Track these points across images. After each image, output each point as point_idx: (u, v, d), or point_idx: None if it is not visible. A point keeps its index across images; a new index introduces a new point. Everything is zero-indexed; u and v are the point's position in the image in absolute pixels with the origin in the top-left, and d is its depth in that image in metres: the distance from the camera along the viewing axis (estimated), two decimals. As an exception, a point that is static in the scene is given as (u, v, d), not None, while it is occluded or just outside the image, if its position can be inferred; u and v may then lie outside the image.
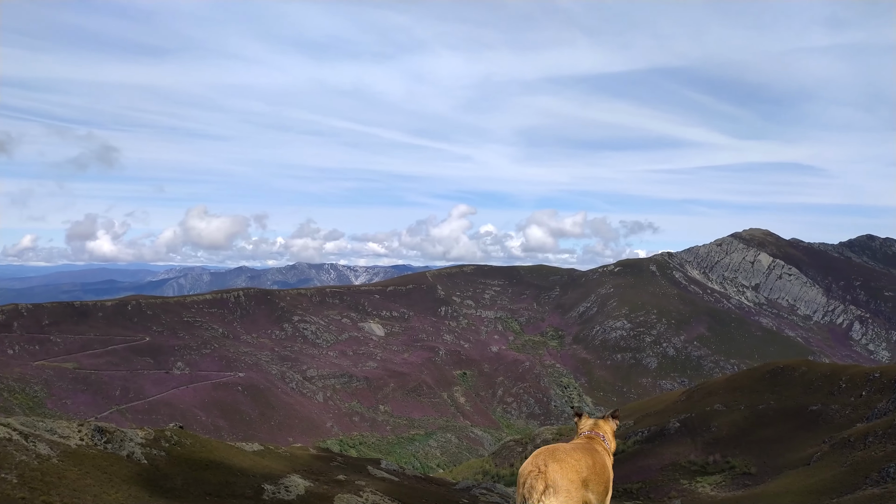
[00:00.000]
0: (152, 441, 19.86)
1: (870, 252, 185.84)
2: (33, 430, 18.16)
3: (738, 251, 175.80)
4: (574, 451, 5.61)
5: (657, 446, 55.12)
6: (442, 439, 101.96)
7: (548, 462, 5.31)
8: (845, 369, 57.67)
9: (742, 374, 69.43)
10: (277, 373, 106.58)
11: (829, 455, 42.05)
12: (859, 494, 34.09)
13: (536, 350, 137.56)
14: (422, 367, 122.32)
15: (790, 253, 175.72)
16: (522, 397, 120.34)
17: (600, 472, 5.69)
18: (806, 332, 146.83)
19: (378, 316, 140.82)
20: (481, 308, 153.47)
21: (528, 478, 5.24)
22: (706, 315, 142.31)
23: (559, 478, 5.25)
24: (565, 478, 5.28)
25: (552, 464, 5.31)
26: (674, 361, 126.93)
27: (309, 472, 21.41)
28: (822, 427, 47.88)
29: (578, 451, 5.67)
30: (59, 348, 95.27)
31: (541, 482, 5.18)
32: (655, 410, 66.60)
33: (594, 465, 5.66)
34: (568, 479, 5.29)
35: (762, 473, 45.36)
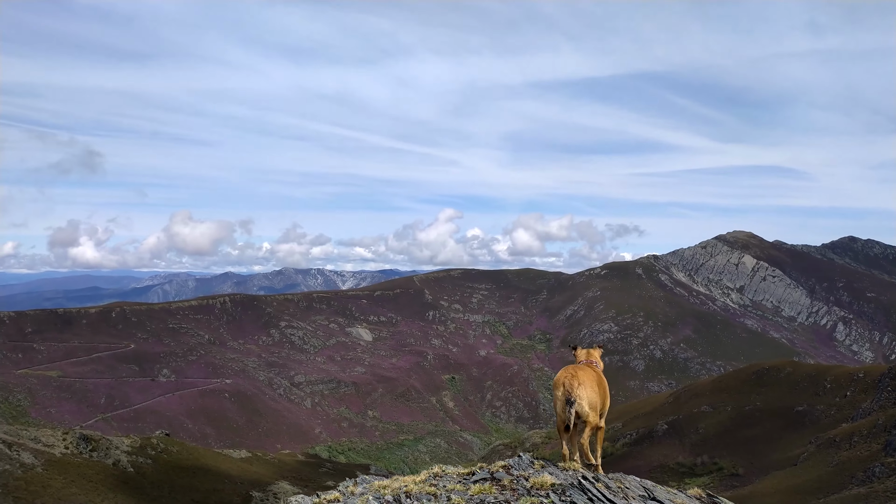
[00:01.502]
0: (138, 449, 19.64)
1: (852, 253, 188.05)
2: (17, 439, 17.89)
3: (723, 253, 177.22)
4: (585, 367, 8.61)
5: (645, 448, 55.34)
6: (431, 444, 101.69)
7: (576, 371, 8.24)
8: (830, 370, 58.27)
9: (728, 375, 69.93)
10: (265, 379, 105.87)
11: (816, 455, 42.43)
12: (845, 494, 34.41)
13: (524, 354, 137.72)
14: (410, 372, 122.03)
15: (774, 255, 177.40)
16: (511, 401, 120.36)
17: (601, 381, 8.51)
18: (790, 334, 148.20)
19: (366, 321, 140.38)
20: (469, 312, 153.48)
21: (566, 378, 8.09)
22: (692, 317, 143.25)
23: (584, 377, 8.16)
24: (587, 377, 8.21)
25: (578, 371, 8.24)
26: (661, 363, 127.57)
27: (297, 479, 21.27)
28: (807, 427, 48.32)
29: (587, 367, 8.66)
30: (43, 356, 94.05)
31: (575, 381, 8.02)
32: (643, 412, 66.87)
33: (597, 377, 8.52)
34: (589, 378, 8.22)
35: (749, 474, 45.67)
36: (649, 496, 7.64)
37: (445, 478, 7.44)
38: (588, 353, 9.35)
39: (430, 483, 7.18)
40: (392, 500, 6.68)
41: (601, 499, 6.92)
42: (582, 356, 9.29)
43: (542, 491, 6.86)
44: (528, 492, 6.84)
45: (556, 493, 6.74)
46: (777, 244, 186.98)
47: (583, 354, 9.34)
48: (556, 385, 8.13)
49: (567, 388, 7.89)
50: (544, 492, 6.84)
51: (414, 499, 6.67)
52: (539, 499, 6.64)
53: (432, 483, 7.19)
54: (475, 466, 7.81)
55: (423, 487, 6.97)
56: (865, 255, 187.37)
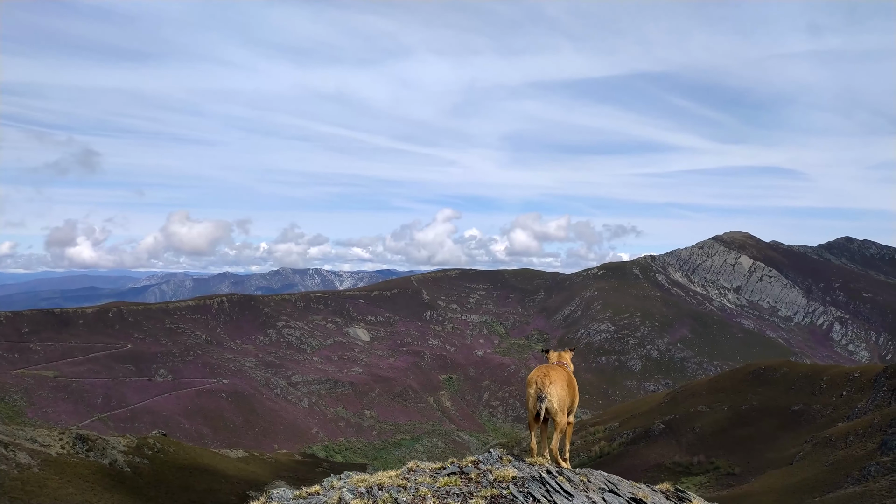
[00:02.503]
0: (135, 449, 19.64)
1: (848, 254, 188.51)
2: (13, 439, 17.88)
3: (720, 254, 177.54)
4: (557, 367, 9.07)
5: (642, 448, 55.43)
6: (428, 444, 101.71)
7: (548, 370, 8.73)
8: (826, 370, 58.43)
9: (725, 375, 70.07)
10: (262, 379, 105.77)
11: (812, 454, 42.56)
12: (841, 493, 34.53)
13: (522, 353, 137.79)
14: (407, 372, 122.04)
15: (770, 255, 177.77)
16: (508, 401, 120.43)
17: (571, 381, 9.06)
18: (787, 334, 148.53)
19: (363, 321, 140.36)
20: (466, 312, 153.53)
21: (538, 377, 8.60)
22: (689, 317, 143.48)
23: (555, 377, 8.66)
24: (558, 377, 8.71)
25: (550, 371, 8.73)
26: (658, 363, 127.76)
27: (294, 478, 21.28)
28: (803, 426, 48.46)
29: (559, 368, 9.10)
30: (40, 356, 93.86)
31: (546, 379, 8.55)
32: (640, 412, 66.97)
33: (568, 377, 9.04)
34: (559, 378, 8.72)
35: (746, 473, 45.78)
36: (608, 489, 8.13)
37: (419, 472, 7.86)
38: (559, 355, 9.88)
39: (402, 477, 7.65)
40: (365, 491, 7.14)
41: (558, 490, 7.42)
42: (554, 358, 9.78)
43: (504, 483, 7.38)
44: (491, 484, 7.34)
45: (516, 485, 7.34)
46: (774, 245, 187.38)
47: (554, 357, 9.84)
48: (529, 383, 8.71)
49: (539, 386, 8.51)
50: (505, 484, 7.34)
51: (385, 490, 7.10)
52: (499, 490, 7.14)
53: (405, 477, 7.66)
54: (448, 462, 8.31)
55: (396, 481, 7.42)
56: (862, 255, 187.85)
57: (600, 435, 63.26)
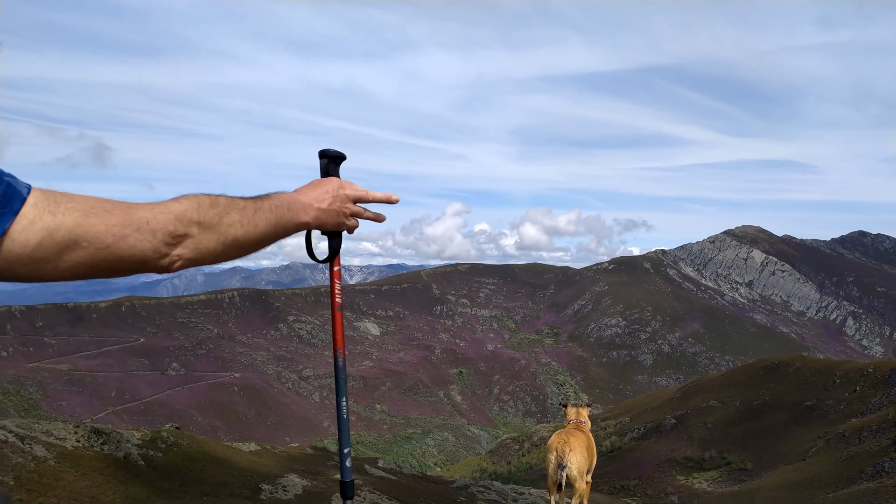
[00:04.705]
0: (149, 442, 19.78)
1: (862, 248, 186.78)
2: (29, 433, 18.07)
3: (731, 248, 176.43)
4: (577, 432, 9.24)
5: (653, 443, 55.31)
6: (439, 438, 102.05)
7: (568, 437, 8.88)
8: (839, 365, 57.99)
9: (737, 370, 69.70)
10: (273, 373, 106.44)
11: (825, 450, 42.29)
12: (854, 489, 34.31)
13: (532, 348, 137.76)
14: (418, 366, 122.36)
15: (783, 249, 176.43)
16: (519, 395, 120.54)
17: (590, 445, 9.25)
18: (800, 329, 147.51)
19: (373, 315, 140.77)
20: (476, 307, 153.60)
21: (558, 444, 8.74)
22: (700, 312, 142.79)
23: (576, 444, 8.79)
24: (579, 444, 8.85)
25: (570, 437, 8.89)
26: (669, 358, 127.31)
27: (306, 472, 21.37)
28: (816, 422, 48.15)
29: (579, 432, 9.26)
30: (54, 350, 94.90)
31: (567, 447, 8.64)
32: (651, 407, 66.82)
33: (587, 440, 9.24)
34: (579, 444, 8.86)
35: (758, 469, 45.58)
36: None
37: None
38: (577, 411, 10.11)
39: None
40: None
41: None
42: (572, 415, 10.05)
43: None
44: None
45: None
46: (786, 239, 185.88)
47: (573, 413, 10.08)
48: (550, 449, 9.00)
49: (559, 454, 8.73)
50: None
51: None
52: None
53: None
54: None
55: None
56: (876, 249, 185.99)
57: (611, 430, 63.17)
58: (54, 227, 1.18)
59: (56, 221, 1.19)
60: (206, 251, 1.35)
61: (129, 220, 1.24)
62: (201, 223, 1.33)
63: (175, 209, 1.31)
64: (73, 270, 1.23)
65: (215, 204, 1.40)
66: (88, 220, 1.21)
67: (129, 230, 1.23)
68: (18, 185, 1.19)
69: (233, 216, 1.40)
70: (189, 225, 1.31)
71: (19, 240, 1.15)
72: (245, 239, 1.43)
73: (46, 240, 1.17)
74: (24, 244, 1.16)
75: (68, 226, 1.19)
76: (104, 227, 1.22)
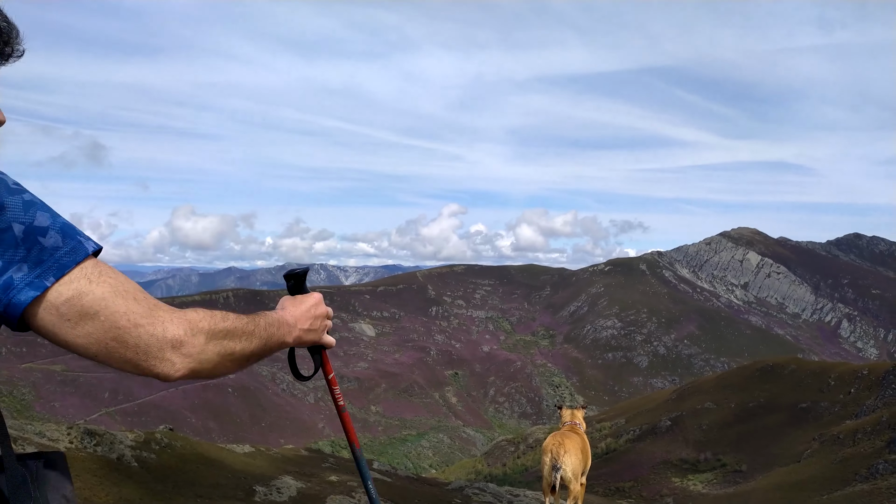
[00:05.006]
0: (142, 443, 19.66)
1: (857, 250, 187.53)
2: (22, 434, 17.94)
3: (727, 250, 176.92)
4: (571, 434, 9.31)
5: (648, 444, 55.35)
6: (434, 439, 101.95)
7: (563, 439, 8.96)
8: (834, 367, 58.15)
9: (732, 372, 69.85)
10: (268, 374, 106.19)
11: (819, 452, 42.38)
12: (849, 491, 34.37)
13: (528, 349, 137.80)
14: (413, 368, 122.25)
15: (778, 251, 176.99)
16: (514, 397, 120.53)
17: (584, 447, 9.34)
18: (795, 330, 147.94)
19: (368, 316, 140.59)
20: (472, 308, 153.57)
21: (553, 446, 8.84)
22: (696, 314, 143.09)
23: (570, 446, 8.88)
24: (573, 446, 8.93)
25: (565, 439, 8.97)
26: (664, 360, 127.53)
27: (300, 474, 21.26)
28: (811, 424, 48.25)
29: (573, 434, 9.35)
30: (47, 350, 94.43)
31: (562, 448, 8.74)
32: (646, 409, 66.88)
33: (582, 442, 9.30)
34: (574, 446, 8.94)
35: (753, 470, 45.64)
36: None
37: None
38: (573, 413, 10.14)
39: None
40: None
41: None
42: (567, 416, 10.06)
43: None
44: None
45: None
46: (782, 241, 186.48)
47: (567, 415, 10.10)
48: (545, 451, 9.06)
49: (554, 456, 8.82)
50: None
51: None
52: None
53: None
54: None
55: None
56: (871, 251, 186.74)
57: (606, 431, 63.21)
58: (85, 292, 1.24)
59: (89, 287, 1.25)
60: (206, 361, 1.37)
61: (148, 313, 1.29)
62: (210, 333, 1.38)
63: (191, 317, 1.37)
64: (85, 340, 1.27)
65: (225, 318, 1.47)
66: (115, 298, 1.27)
67: (144, 321, 1.27)
68: (87, 245, 1.30)
69: (237, 332, 1.48)
70: (198, 333, 1.35)
71: (57, 289, 1.23)
72: (241, 354, 1.49)
73: (74, 300, 1.23)
74: (58, 295, 1.23)
75: (97, 295, 1.25)
76: (125, 309, 1.27)
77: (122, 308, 1.26)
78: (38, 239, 1.21)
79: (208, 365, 1.40)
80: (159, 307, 1.33)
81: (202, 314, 1.40)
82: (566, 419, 10.01)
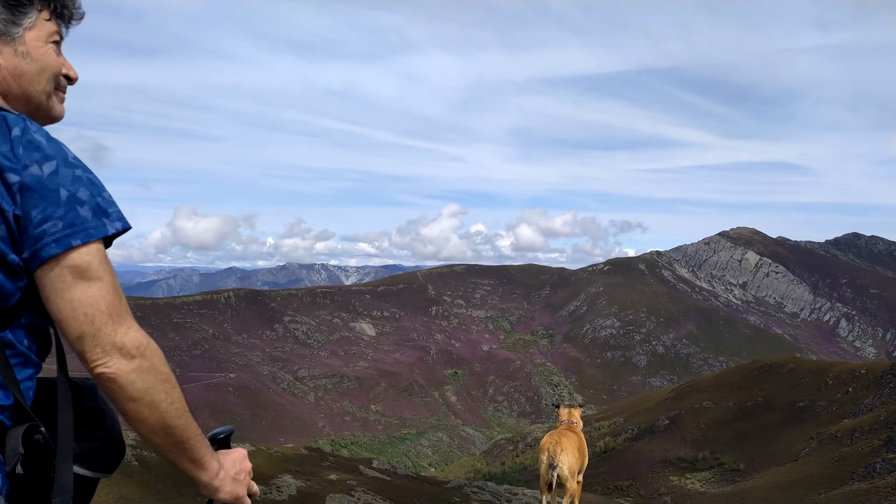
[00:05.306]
0: (143, 442, 19.79)
1: (856, 250, 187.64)
2: (23, 433, 18.08)
3: (726, 249, 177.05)
4: (568, 433, 9.37)
5: (647, 443, 55.51)
6: (433, 438, 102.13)
7: (560, 438, 9.00)
8: (832, 366, 58.31)
9: (730, 371, 70.01)
10: (268, 373, 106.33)
11: (817, 451, 42.55)
12: (846, 489, 34.56)
13: (527, 349, 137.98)
14: (413, 367, 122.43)
15: (777, 251, 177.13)
16: (513, 396, 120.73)
17: (581, 446, 9.39)
18: (793, 330, 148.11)
19: (369, 316, 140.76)
20: (472, 307, 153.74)
21: (550, 445, 8.93)
22: (695, 313, 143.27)
23: (567, 444, 8.92)
24: (570, 444, 8.98)
25: (562, 439, 9.01)
26: (663, 359, 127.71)
27: (300, 473, 21.45)
28: (809, 423, 48.40)
29: (570, 433, 9.41)
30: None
31: (559, 447, 8.78)
32: (645, 408, 67.03)
33: (579, 441, 9.39)
34: (571, 445, 8.99)
35: (750, 469, 45.81)
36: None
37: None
38: (570, 411, 10.20)
39: None
40: None
41: None
42: (564, 415, 10.10)
43: None
44: None
45: None
46: (780, 240, 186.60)
47: (565, 413, 10.15)
48: (542, 449, 9.17)
49: (551, 454, 8.89)
50: None
51: None
52: None
53: None
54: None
55: None
56: (869, 251, 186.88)
57: (605, 430, 63.38)
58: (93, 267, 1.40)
59: (97, 265, 1.41)
60: (131, 383, 1.44)
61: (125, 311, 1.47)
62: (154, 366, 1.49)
63: (152, 345, 1.51)
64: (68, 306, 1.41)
65: (174, 384, 1.57)
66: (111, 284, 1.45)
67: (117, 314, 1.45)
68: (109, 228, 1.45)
69: (173, 392, 1.54)
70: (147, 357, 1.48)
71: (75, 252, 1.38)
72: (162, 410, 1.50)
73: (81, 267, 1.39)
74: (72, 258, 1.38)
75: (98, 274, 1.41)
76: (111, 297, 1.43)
77: (110, 294, 1.41)
78: (76, 207, 1.36)
79: (131, 388, 1.43)
80: (131, 315, 1.47)
81: (160, 354, 1.51)
82: (563, 418, 10.09)
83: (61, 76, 1.62)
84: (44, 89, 1.55)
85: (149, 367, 1.44)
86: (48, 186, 1.33)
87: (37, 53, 1.50)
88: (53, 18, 1.54)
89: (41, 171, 1.33)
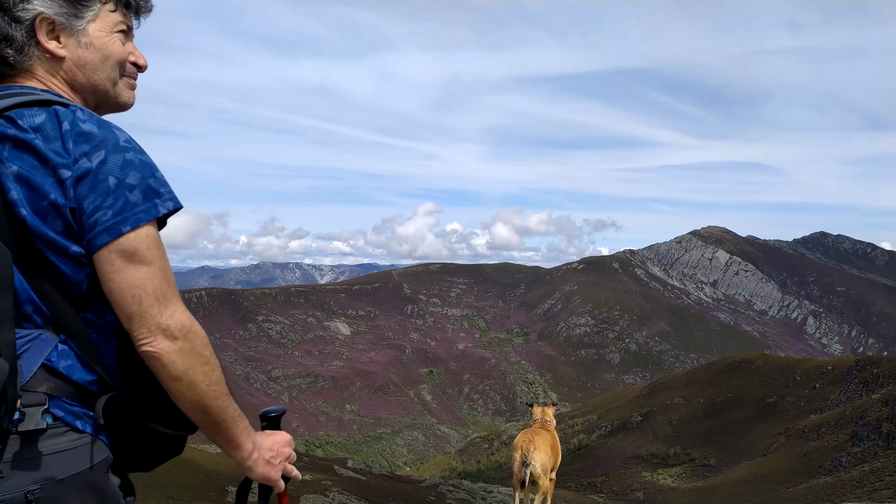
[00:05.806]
0: (113, 444, 19.39)
1: (822, 249, 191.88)
2: (-12, 436, 17.62)
3: (697, 248, 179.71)
4: (542, 431, 9.43)
5: (620, 440, 56.13)
6: (409, 437, 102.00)
7: (533, 436, 9.08)
8: (800, 363, 59.58)
9: (701, 368, 71.11)
10: (241, 373, 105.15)
11: (785, 446, 43.44)
12: (813, 483, 35.35)
13: (502, 347, 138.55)
14: (388, 366, 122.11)
15: (747, 250, 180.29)
16: (488, 394, 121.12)
17: (554, 444, 9.42)
18: (762, 327, 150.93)
19: (344, 315, 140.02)
20: (447, 306, 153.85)
21: (523, 443, 8.96)
22: (667, 311, 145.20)
23: (540, 442, 8.99)
24: (543, 443, 9.04)
25: (535, 436, 9.10)
26: (636, 357, 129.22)
27: (275, 473, 21.09)
28: (777, 418, 49.37)
29: (544, 431, 9.47)
30: None
31: (531, 445, 8.86)
32: (618, 405, 67.75)
33: (552, 439, 9.40)
34: (544, 443, 9.07)
35: (721, 464, 46.58)
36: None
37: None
38: (543, 410, 10.22)
39: None
40: None
41: None
42: (538, 414, 10.14)
43: None
44: None
45: None
46: (750, 239, 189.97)
47: (538, 412, 10.17)
48: (515, 447, 9.22)
49: (524, 452, 8.97)
50: None
51: None
52: None
53: None
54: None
55: None
56: (836, 250, 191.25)
57: (579, 427, 63.93)
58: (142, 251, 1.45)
59: (146, 249, 1.46)
60: (173, 363, 1.47)
61: (172, 294, 1.50)
62: (196, 348, 1.50)
63: (197, 327, 1.53)
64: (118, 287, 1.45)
65: (216, 363, 1.57)
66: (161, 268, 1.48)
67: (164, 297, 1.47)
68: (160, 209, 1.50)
69: (214, 374, 1.55)
70: (191, 339, 1.49)
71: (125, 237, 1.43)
72: (201, 389, 1.52)
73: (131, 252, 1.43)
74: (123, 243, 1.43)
75: (147, 258, 1.46)
76: (159, 281, 1.47)
77: (157, 277, 1.46)
78: (126, 193, 1.41)
79: (172, 368, 1.48)
80: (178, 297, 1.51)
81: (203, 337, 1.54)
82: (537, 416, 10.17)
83: (129, 63, 1.67)
84: (108, 76, 1.61)
85: (190, 349, 1.49)
86: (97, 177, 1.39)
87: (99, 43, 1.56)
88: (119, 9, 1.60)
89: (90, 163, 1.39)
